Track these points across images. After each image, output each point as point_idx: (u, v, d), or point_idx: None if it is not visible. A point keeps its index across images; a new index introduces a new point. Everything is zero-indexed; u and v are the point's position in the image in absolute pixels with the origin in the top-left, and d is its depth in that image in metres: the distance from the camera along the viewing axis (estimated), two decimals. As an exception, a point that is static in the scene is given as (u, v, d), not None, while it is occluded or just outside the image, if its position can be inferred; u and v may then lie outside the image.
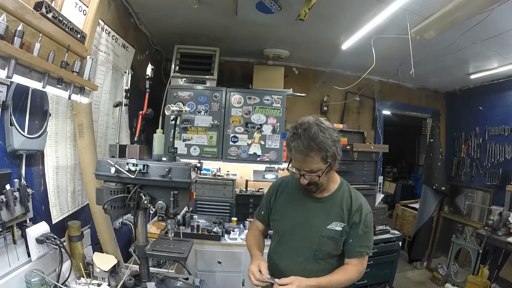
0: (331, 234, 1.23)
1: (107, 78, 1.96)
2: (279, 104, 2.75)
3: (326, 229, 1.23)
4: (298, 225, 1.28)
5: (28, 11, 0.99)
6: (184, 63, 2.81)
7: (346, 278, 1.21)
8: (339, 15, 2.23)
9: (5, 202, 1.09)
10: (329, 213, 1.25)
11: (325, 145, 1.09)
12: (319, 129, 1.10)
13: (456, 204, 3.97)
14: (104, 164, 1.26)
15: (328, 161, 1.13)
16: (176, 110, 1.40)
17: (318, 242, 1.23)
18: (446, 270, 3.53)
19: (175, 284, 1.47)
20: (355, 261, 1.24)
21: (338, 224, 1.23)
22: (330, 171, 1.20)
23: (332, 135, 1.13)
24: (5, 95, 1.13)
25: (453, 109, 4.16)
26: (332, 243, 1.23)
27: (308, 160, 1.11)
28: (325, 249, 1.24)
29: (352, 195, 1.29)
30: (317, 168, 1.13)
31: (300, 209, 1.30)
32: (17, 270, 1.19)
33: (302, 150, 1.10)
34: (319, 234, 1.23)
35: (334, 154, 1.13)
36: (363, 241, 1.24)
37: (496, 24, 2.11)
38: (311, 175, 1.15)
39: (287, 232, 1.31)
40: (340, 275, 1.21)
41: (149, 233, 1.84)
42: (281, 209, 1.35)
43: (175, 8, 2.24)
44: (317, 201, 1.28)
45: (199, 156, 2.65)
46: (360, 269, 1.24)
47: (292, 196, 1.34)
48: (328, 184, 1.27)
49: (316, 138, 1.08)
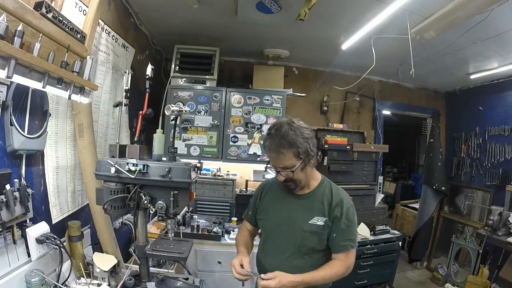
0: (313, 228, 1.26)
1: (107, 78, 1.96)
2: (279, 104, 2.75)
3: (308, 224, 1.26)
4: (282, 222, 1.32)
5: (28, 11, 0.99)
6: (184, 63, 2.81)
7: (332, 273, 1.23)
8: (339, 15, 2.23)
9: (5, 202, 1.09)
10: (310, 208, 1.29)
11: (296, 142, 1.16)
12: (289, 128, 1.18)
13: (456, 204, 3.97)
14: (104, 164, 1.26)
15: (301, 157, 1.19)
16: (176, 110, 1.40)
17: (301, 237, 1.26)
18: (446, 270, 3.53)
19: (175, 284, 1.47)
20: (341, 256, 1.26)
21: (319, 219, 1.26)
22: (305, 167, 1.24)
23: (304, 133, 1.19)
24: (5, 95, 1.13)
25: (453, 109, 4.16)
26: (315, 237, 1.26)
27: (280, 157, 1.18)
28: (308, 244, 1.27)
29: (333, 190, 1.32)
30: (290, 164, 1.19)
31: (283, 207, 1.34)
32: (17, 270, 1.19)
33: (274, 148, 1.18)
34: (301, 229, 1.26)
35: (307, 150, 1.19)
36: (347, 235, 1.26)
37: (496, 24, 2.11)
38: (286, 171, 1.21)
39: (272, 229, 1.36)
40: (326, 271, 1.23)
41: (149, 233, 1.84)
42: (266, 209, 1.40)
43: (175, 8, 2.24)
44: (299, 198, 1.32)
45: (199, 156, 2.65)
46: (347, 263, 1.26)
47: (276, 195, 1.39)
48: (308, 181, 1.32)
49: (286, 136, 1.16)
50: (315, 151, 1.23)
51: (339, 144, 3.17)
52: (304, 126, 1.22)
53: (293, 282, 1.14)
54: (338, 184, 2.16)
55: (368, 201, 3.28)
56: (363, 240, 2.94)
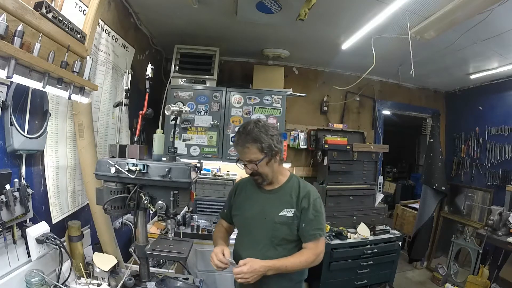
0: (283, 220, 1.35)
1: (107, 78, 1.96)
2: (279, 104, 2.75)
3: (278, 216, 1.35)
4: (254, 216, 1.41)
5: (28, 11, 0.99)
6: (184, 63, 2.81)
7: (302, 260, 1.31)
8: (339, 15, 2.23)
9: (5, 202, 1.09)
10: (280, 201, 1.38)
11: (259, 138, 1.30)
12: (255, 125, 1.32)
13: (456, 204, 3.97)
14: (104, 164, 1.26)
15: (265, 152, 1.31)
16: (176, 110, 1.40)
17: (272, 228, 1.35)
18: (446, 270, 3.54)
19: (175, 284, 1.47)
20: (311, 244, 1.34)
21: (288, 210, 1.36)
22: (271, 162, 1.35)
23: (268, 130, 1.33)
24: (5, 95, 1.13)
25: (453, 109, 4.16)
26: (285, 228, 1.35)
27: (245, 151, 1.32)
28: (279, 235, 1.35)
29: (301, 184, 1.42)
30: (255, 157, 1.32)
31: (255, 202, 1.44)
32: (17, 270, 1.19)
33: (241, 143, 1.33)
34: (272, 221, 1.35)
35: (270, 145, 1.31)
36: (315, 224, 1.35)
37: (496, 24, 2.11)
38: (251, 164, 1.33)
39: (246, 224, 1.46)
40: (295, 257, 1.32)
41: (149, 233, 1.84)
42: (239, 205, 1.50)
43: (175, 8, 2.24)
44: (269, 193, 1.43)
45: (199, 156, 2.65)
46: (316, 251, 1.34)
47: (249, 192, 1.49)
48: (277, 176, 1.43)
49: (251, 133, 1.31)
50: (279, 147, 1.36)
51: (339, 144, 3.18)
52: (270, 125, 1.36)
53: (264, 266, 1.23)
54: (338, 184, 2.17)
55: (368, 201, 3.28)
56: (363, 240, 2.95)
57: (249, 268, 1.20)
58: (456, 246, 3.47)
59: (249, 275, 1.20)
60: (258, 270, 1.21)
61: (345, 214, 3.16)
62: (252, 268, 1.20)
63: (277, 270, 1.26)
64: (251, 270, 1.20)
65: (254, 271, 1.20)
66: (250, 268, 1.20)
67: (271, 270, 1.24)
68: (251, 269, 1.20)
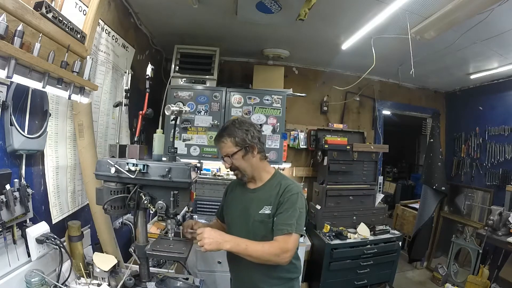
0: (261, 218, 1.37)
1: (107, 78, 1.96)
2: (279, 104, 2.75)
3: (258, 214, 1.38)
4: (239, 215, 1.46)
5: (28, 11, 0.99)
6: (184, 63, 2.81)
7: (265, 247, 1.27)
8: (339, 15, 2.23)
9: (5, 202, 1.09)
10: (261, 199, 1.40)
11: (233, 132, 1.38)
12: (231, 123, 1.41)
13: (456, 204, 3.97)
14: (104, 164, 1.26)
15: (238, 145, 1.37)
16: (176, 110, 1.40)
17: (252, 226, 1.38)
18: (446, 270, 3.53)
19: (175, 284, 1.47)
20: (279, 238, 1.29)
21: (267, 208, 1.37)
22: (247, 156, 1.39)
23: (243, 125, 1.40)
24: (5, 95, 1.13)
25: (453, 109, 4.16)
26: (263, 226, 1.36)
27: (221, 145, 1.40)
28: (259, 233, 1.36)
29: (282, 182, 1.42)
30: (231, 151, 1.38)
31: (240, 201, 1.49)
32: (17, 270, 1.19)
33: (217, 138, 1.42)
34: (252, 219, 1.39)
35: (244, 139, 1.37)
36: (286, 219, 1.31)
37: (496, 24, 2.11)
38: (227, 158, 1.40)
39: (232, 222, 1.51)
40: (258, 244, 1.28)
41: (149, 233, 1.84)
42: (229, 205, 1.57)
43: (175, 8, 2.24)
44: (252, 192, 1.46)
45: (199, 156, 2.65)
46: (282, 246, 1.27)
47: (236, 193, 1.56)
48: (260, 174, 1.46)
49: (226, 129, 1.40)
50: (254, 142, 1.39)
51: (339, 144, 3.18)
52: (248, 122, 1.45)
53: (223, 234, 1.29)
54: (338, 184, 2.17)
55: (368, 201, 3.28)
56: (363, 240, 2.95)
57: (208, 231, 1.26)
58: (456, 246, 3.47)
59: (207, 240, 1.23)
60: (216, 236, 1.26)
61: (345, 214, 3.16)
62: (210, 233, 1.25)
63: (236, 245, 1.26)
64: (209, 233, 1.25)
65: (211, 235, 1.25)
66: (208, 232, 1.25)
67: (229, 243, 1.26)
68: (209, 233, 1.25)
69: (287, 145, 3.24)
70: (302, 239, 2.80)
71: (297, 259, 1.47)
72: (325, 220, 3.05)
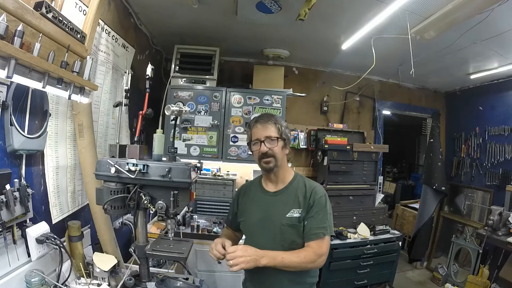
0: (290, 221, 1.30)
1: (107, 78, 1.96)
2: (279, 104, 2.75)
3: (285, 218, 1.30)
4: (261, 220, 1.36)
5: (28, 11, 0.99)
6: (184, 63, 2.81)
7: (301, 256, 1.22)
8: (339, 15, 2.23)
9: (5, 202, 1.09)
10: (286, 202, 1.34)
11: (279, 121, 1.38)
12: (274, 115, 1.43)
13: (456, 204, 3.97)
14: (104, 164, 1.26)
15: (282, 137, 1.35)
16: (176, 110, 1.40)
17: (280, 231, 1.30)
18: (446, 270, 3.53)
19: (175, 284, 1.47)
20: (313, 244, 1.26)
21: (296, 211, 1.31)
22: (284, 149, 1.37)
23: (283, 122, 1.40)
24: (5, 95, 1.13)
25: (453, 109, 4.16)
26: (293, 230, 1.29)
27: (268, 126, 1.35)
28: (289, 238, 1.30)
29: (306, 183, 1.38)
30: (274, 135, 1.33)
31: (260, 205, 1.40)
32: (17, 270, 1.19)
33: (262, 121, 1.36)
34: (280, 224, 1.30)
35: (286, 134, 1.37)
36: (318, 222, 1.28)
37: (496, 24, 2.11)
38: (270, 140, 1.33)
39: (252, 229, 1.41)
40: (294, 252, 1.24)
41: (149, 233, 1.84)
42: (245, 210, 1.46)
43: (175, 8, 2.24)
44: (274, 195, 1.38)
45: (199, 156, 2.65)
46: (318, 251, 1.25)
47: (253, 197, 1.46)
48: (284, 174, 1.40)
49: (273, 116, 1.40)
50: (290, 141, 1.40)
51: (339, 144, 3.18)
52: None
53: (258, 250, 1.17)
54: (338, 184, 2.17)
55: (368, 201, 3.28)
56: (363, 240, 2.95)
57: (242, 249, 1.15)
58: (456, 246, 3.47)
59: (243, 258, 1.12)
60: (252, 253, 1.15)
61: (345, 214, 3.16)
62: (245, 250, 1.15)
63: (273, 259, 1.18)
64: (243, 250, 1.15)
65: (247, 253, 1.14)
66: (243, 250, 1.15)
67: (266, 258, 1.17)
68: (244, 250, 1.15)
69: (287, 145, 3.24)
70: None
71: None
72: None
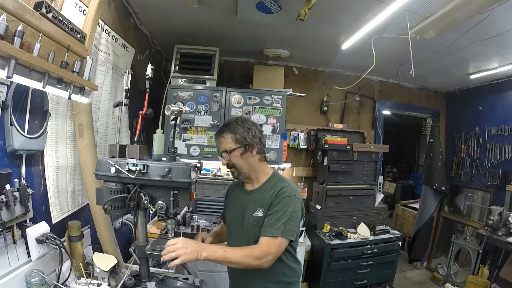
0: (254, 220, 1.35)
1: (107, 78, 1.96)
2: (279, 104, 2.75)
3: (252, 217, 1.36)
4: (236, 217, 1.44)
5: (28, 11, 0.99)
6: (184, 63, 2.81)
7: (244, 252, 1.22)
8: (339, 15, 2.23)
9: (5, 202, 1.09)
10: (256, 202, 1.38)
11: (234, 129, 1.36)
12: (234, 120, 1.40)
13: (456, 204, 3.97)
14: (104, 164, 1.26)
15: (238, 143, 1.35)
16: (176, 110, 1.40)
17: (247, 229, 1.37)
18: (446, 270, 3.53)
19: (175, 284, 1.47)
20: (263, 240, 1.25)
21: (260, 210, 1.35)
22: (246, 155, 1.37)
23: (245, 124, 1.39)
24: (5, 95, 1.13)
25: (453, 109, 4.17)
26: (256, 229, 1.33)
27: (221, 140, 1.39)
28: (253, 236, 1.33)
29: (278, 184, 1.38)
30: (229, 147, 1.36)
31: (238, 203, 1.47)
32: (17, 270, 1.19)
33: (218, 133, 1.41)
34: (248, 222, 1.37)
35: (244, 137, 1.36)
36: (273, 222, 1.27)
37: (496, 24, 2.11)
38: (226, 154, 1.38)
39: (230, 225, 1.51)
40: (238, 249, 1.25)
41: (149, 233, 1.84)
42: (228, 207, 1.58)
43: (175, 8, 2.24)
44: (249, 194, 1.44)
45: (199, 156, 2.65)
46: (265, 249, 1.22)
47: (235, 194, 1.55)
48: (257, 175, 1.43)
49: (228, 125, 1.39)
50: (255, 141, 1.38)
51: (339, 144, 3.18)
52: (250, 121, 1.43)
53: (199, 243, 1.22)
54: (338, 184, 2.15)
55: (368, 201, 3.29)
56: (363, 240, 2.95)
57: (183, 241, 1.16)
58: (456, 246, 3.47)
59: (184, 250, 1.13)
60: (192, 245, 1.16)
61: (345, 214, 3.16)
62: (185, 242, 1.16)
63: (213, 252, 1.18)
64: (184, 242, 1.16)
65: (187, 244, 1.15)
66: (183, 242, 1.16)
67: (206, 251, 1.17)
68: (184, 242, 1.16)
69: (287, 145, 3.25)
70: (302, 239, 2.80)
71: (297, 262, 1.44)
72: (325, 220, 3.05)
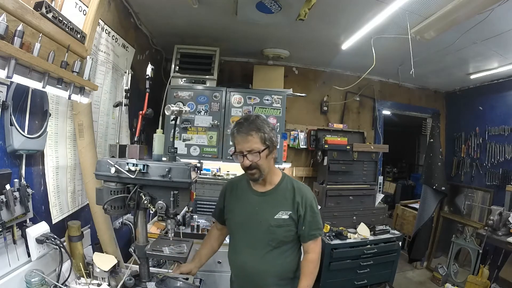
0: (279, 223, 1.35)
1: (107, 78, 1.96)
2: (279, 104, 2.74)
3: (274, 219, 1.35)
4: (248, 220, 1.40)
5: (28, 11, 0.99)
6: (184, 63, 2.81)
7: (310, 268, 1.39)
8: (339, 15, 2.23)
9: (5, 202, 1.09)
10: (274, 204, 1.38)
11: (263, 128, 1.30)
12: (257, 117, 1.33)
13: (456, 204, 3.97)
14: (104, 164, 1.26)
15: (266, 144, 1.30)
16: (176, 110, 1.40)
17: (269, 232, 1.35)
18: (446, 270, 3.53)
19: (175, 284, 1.47)
20: (311, 244, 1.39)
21: (284, 213, 1.36)
22: (269, 157, 1.34)
23: (269, 124, 1.35)
24: (5, 95, 1.13)
25: (453, 109, 4.17)
26: (281, 230, 1.35)
27: (249, 138, 1.29)
28: (277, 238, 1.35)
29: (295, 185, 1.41)
30: (257, 148, 1.29)
31: (247, 205, 1.42)
32: (17, 270, 1.19)
33: (243, 131, 1.29)
34: (268, 224, 1.35)
35: (271, 138, 1.32)
36: (314, 225, 1.38)
37: (496, 24, 2.11)
38: (253, 154, 1.29)
39: (239, 228, 1.45)
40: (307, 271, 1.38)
41: (149, 233, 1.84)
42: (231, 209, 1.48)
43: (175, 8, 2.24)
44: (262, 195, 1.41)
45: (199, 156, 2.65)
46: (317, 250, 1.41)
47: (240, 195, 1.48)
48: (271, 176, 1.41)
49: (255, 122, 1.31)
50: (278, 143, 1.38)
51: (339, 144, 3.18)
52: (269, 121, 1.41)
53: None
54: (338, 184, 2.15)
55: (368, 201, 3.29)
56: (363, 240, 2.95)
57: None
58: (456, 246, 3.47)
59: None
60: None
61: (345, 214, 3.17)
62: None
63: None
64: None
65: None
66: None
67: None
68: None
69: (287, 145, 3.25)
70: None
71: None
72: (325, 220, 3.04)
